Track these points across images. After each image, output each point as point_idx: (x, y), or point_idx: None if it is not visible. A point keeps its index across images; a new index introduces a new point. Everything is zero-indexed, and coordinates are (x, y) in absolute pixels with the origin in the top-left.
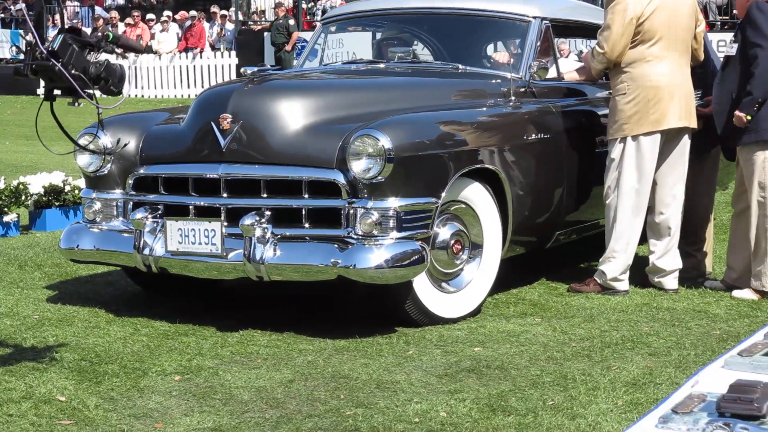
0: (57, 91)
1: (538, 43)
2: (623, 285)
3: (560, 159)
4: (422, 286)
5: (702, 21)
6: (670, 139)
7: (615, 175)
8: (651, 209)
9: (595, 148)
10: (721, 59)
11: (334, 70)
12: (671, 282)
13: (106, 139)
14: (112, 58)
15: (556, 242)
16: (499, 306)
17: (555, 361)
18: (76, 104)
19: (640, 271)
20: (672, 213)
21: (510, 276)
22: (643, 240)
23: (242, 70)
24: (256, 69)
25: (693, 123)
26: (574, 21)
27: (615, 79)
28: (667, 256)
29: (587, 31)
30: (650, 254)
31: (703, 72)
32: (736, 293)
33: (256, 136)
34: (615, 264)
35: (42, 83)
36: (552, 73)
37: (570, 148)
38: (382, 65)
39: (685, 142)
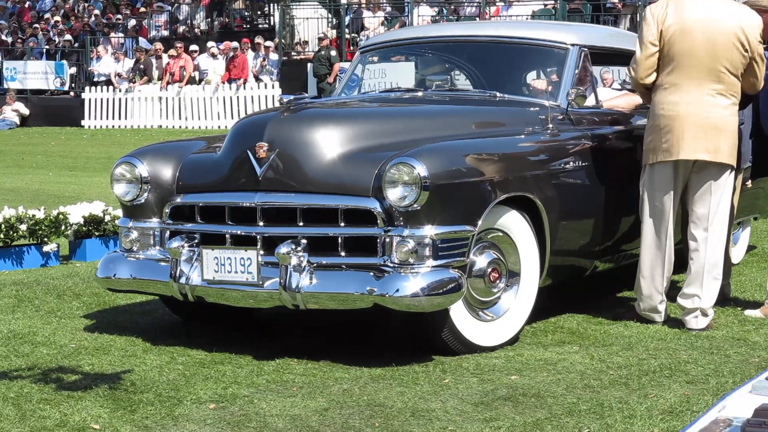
0: None
1: (576, 71)
2: (658, 316)
3: (598, 187)
4: (459, 314)
5: (757, 47)
6: (696, 170)
7: (641, 204)
8: (685, 243)
9: (634, 176)
10: None
11: (371, 98)
12: (691, 322)
13: (143, 168)
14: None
15: (595, 270)
16: (537, 334)
17: (592, 389)
18: None
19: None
20: (701, 251)
21: (549, 304)
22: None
23: (279, 98)
24: (292, 97)
25: (719, 157)
26: (612, 48)
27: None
28: (689, 292)
29: (626, 58)
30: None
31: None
32: (747, 312)
33: (292, 165)
34: (645, 295)
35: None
36: (591, 101)
37: (608, 175)
38: (419, 93)
39: (715, 175)
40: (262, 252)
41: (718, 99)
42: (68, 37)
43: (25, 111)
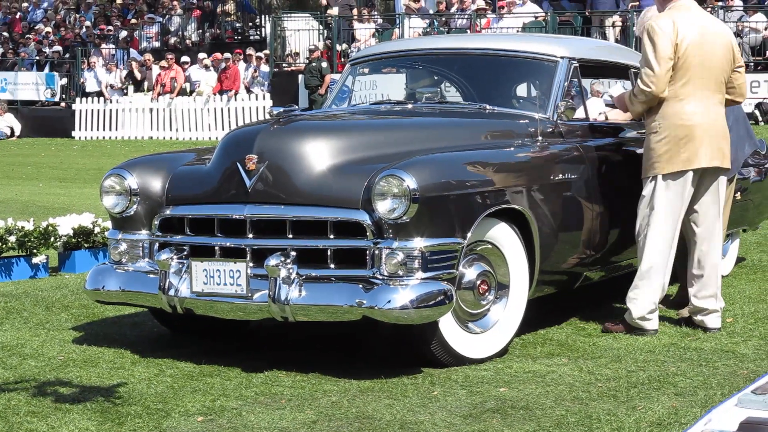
0: None
1: (566, 84)
2: (651, 324)
3: (587, 199)
4: (448, 326)
5: (740, 60)
6: (705, 178)
7: (646, 213)
8: (690, 249)
9: (623, 188)
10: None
11: (361, 110)
12: (713, 321)
13: (132, 180)
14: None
15: (584, 282)
16: (526, 346)
17: (580, 401)
18: None
19: (669, 311)
20: (710, 252)
21: (538, 316)
22: (673, 280)
23: (269, 110)
24: (282, 110)
25: (725, 163)
26: (602, 61)
27: (649, 118)
28: (706, 295)
29: (615, 71)
30: (690, 294)
31: None
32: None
33: (282, 177)
34: (640, 304)
35: (77, 126)
36: (580, 113)
37: (598, 187)
38: (409, 105)
39: (720, 182)
40: (251, 264)
41: (720, 108)
42: (58, 48)
43: (17, 124)
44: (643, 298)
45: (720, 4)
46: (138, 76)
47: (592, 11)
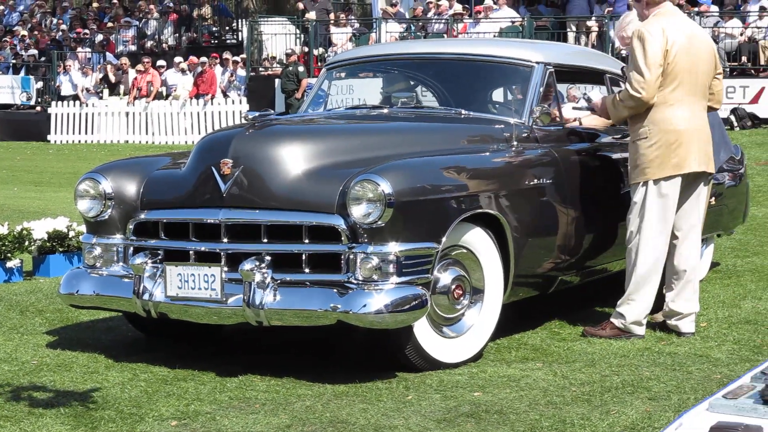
0: None
1: (541, 89)
2: (641, 330)
3: (562, 204)
4: (423, 331)
5: (720, 67)
6: (688, 183)
7: (637, 219)
8: (668, 253)
9: (598, 193)
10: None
11: (337, 115)
12: (688, 325)
13: (106, 184)
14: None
15: (559, 287)
16: (500, 351)
17: (554, 405)
18: None
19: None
20: (688, 256)
21: (513, 321)
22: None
23: (244, 114)
24: (258, 114)
25: (711, 168)
26: (577, 66)
27: (636, 124)
28: (683, 298)
29: (591, 76)
30: (666, 297)
31: None
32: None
33: (257, 181)
34: (636, 307)
35: (53, 129)
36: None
37: (573, 192)
38: (385, 110)
39: (702, 187)
40: (225, 268)
41: (705, 113)
42: (34, 51)
43: None
44: (641, 302)
45: (695, 10)
46: (113, 79)
47: (566, 16)
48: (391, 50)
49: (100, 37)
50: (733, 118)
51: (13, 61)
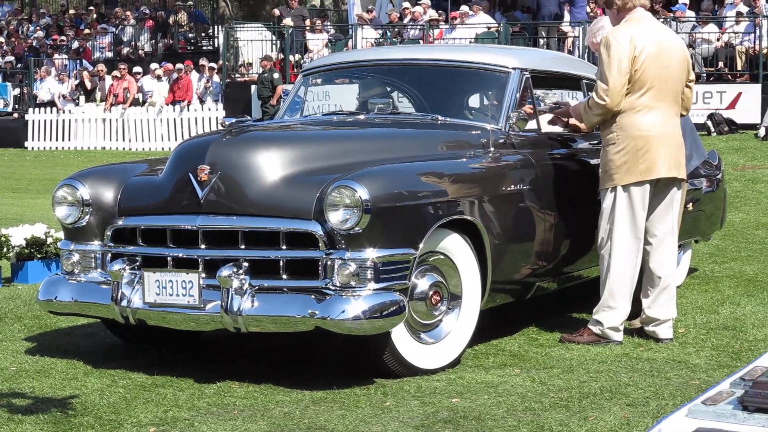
0: None
1: (518, 95)
2: (619, 335)
3: (540, 209)
4: (400, 337)
5: (692, 74)
6: (659, 189)
7: (607, 225)
8: (644, 259)
9: (576, 199)
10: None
11: (314, 121)
12: (665, 331)
13: (84, 191)
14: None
15: (537, 293)
16: (478, 357)
17: (532, 411)
18: None
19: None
20: (663, 262)
21: (490, 326)
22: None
23: (221, 121)
24: (234, 120)
25: (682, 174)
26: (553, 72)
27: (605, 130)
28: (660, 304)
29: (567, 81)
30: (643, 304)
31: None
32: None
33: (234, 188)
34: (612, 314)
35: (30, 136)
36: (532, 124)
37: (550, 198)
38: (362, 116)
39: (674, 193)
40: (203, 275)
41: (676, 119)
42: (11, 58)
43: None
44: (617, 308)
45: (671, 15)
46: (89, 86)
47: (537, 22)
48: (368, 56)
49: (76, 44)
50: (710, 123)
51: None
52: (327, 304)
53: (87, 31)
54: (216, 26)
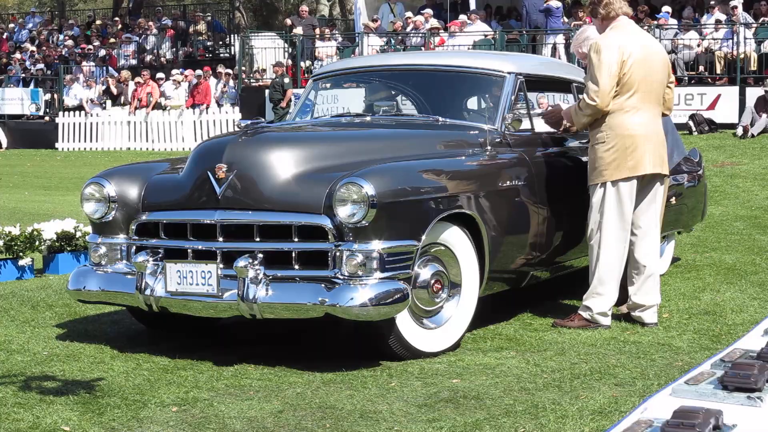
0: None
1: (513, 97)
2: (607, 320)
3: (534, 204)
4: (404, 322)
5: (672, 76)
6: (644, 184)
7: (597, 217)
8: (630, 249)
9: (567, 194)
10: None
11: (323, 122)
12: (650, 316)
13: (110, 188)
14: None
15: (531, 281)
16: (477, 341)
17: (527, 391)
18: None
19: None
20: (648, 252)
21: (488, 313)
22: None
23: (237, 123)
24: (249, 122)
25: (665, 170)
26: (546, 76)
27: (595, 129)
28: (645, 291)
29: (559, 85)
30: (629, 291)
31: None
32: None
33: (250, 185)
34: (601, 300)
35: (60, 138)
36: (526, 124)
37: (543, 193)
38: (368, 118)
39: (658, 188)
40: (221, 266)
41: (659, 119)
42: (41, 66)
43: (4, 137)
44: (605, 295)
45: (655, 23)
46: (114, 91)
47: (528, 30)
48: (373, 62)
49: (102, 53)
50: (691, 123)
51: (23, 75)
52: (336, 292)
53: (112, 40)
54: (232, 35)
